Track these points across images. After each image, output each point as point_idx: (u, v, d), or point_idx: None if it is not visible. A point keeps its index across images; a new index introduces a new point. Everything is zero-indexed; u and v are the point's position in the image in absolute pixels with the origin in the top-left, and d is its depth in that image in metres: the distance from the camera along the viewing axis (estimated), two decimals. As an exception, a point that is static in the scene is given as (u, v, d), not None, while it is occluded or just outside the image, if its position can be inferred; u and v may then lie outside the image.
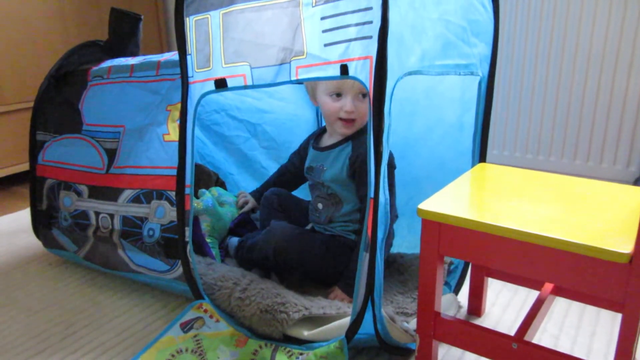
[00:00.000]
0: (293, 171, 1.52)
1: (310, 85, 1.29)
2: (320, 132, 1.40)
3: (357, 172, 1.23)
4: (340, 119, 1.24)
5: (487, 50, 1.19)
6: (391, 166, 1.24)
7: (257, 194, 1.56)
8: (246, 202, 1.56)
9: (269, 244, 1.25)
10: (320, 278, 1.29)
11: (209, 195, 1.48)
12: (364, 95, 1.22)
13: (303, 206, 1.47)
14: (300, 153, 1.48)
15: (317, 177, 1.31)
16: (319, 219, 1.33)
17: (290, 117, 1.78)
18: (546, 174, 1.10)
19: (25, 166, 2.08)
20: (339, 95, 1.22)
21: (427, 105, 1.41)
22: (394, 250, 1.36)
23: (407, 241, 1.32)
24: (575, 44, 1.84)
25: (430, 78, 1.34)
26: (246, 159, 1.75)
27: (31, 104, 1.52)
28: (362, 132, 1.26)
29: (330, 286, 1.27)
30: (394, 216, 1.25)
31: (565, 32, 1.85)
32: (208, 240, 1.40)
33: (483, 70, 1.19)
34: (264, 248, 1.26)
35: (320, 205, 1.32)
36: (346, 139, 1.28)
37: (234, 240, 1.44)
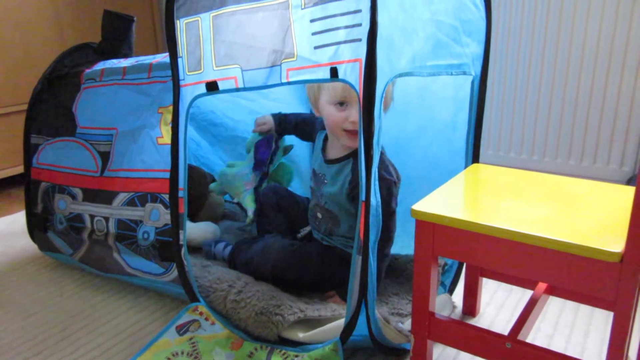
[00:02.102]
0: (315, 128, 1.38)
1: (313, 95, 1.19)
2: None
3: (356, 198, 1.12)
4: (346, 130, 1.14)
5: (479, 50, 1.19)
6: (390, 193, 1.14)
7: (277, 118, 1.46)
8: (268, 128, 1.46)
9: (266, 263, 1.23)
10: (318, 289, 1.27)
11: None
12: None
13: (302, 205, 1.46)
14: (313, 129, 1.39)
15: (317, 187, 1.27)
16: (319, 227, 1.30)
17: (285, 117, 1.78)
18: (539, 174, 1.11)
19: (20, 169, 2.08)
20: (342, 104, 1.12)
21: (420, 104, 1.41)
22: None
23: (401, 241, 1.32)
24: (568, 43, 1.84)
25: (423, 77, 1.33)
26: (243, 160, 1.74)
27: (26, 107, 1.52)
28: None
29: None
30: (389, 241, 1.19)
31: (558, 32, 1.85)
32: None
33: (476, 69, 1.19)
34: (261, 267, 1.24)
35: (319, 215, 1.28)
36: (347, 156, 1.19)
37: (220, 247, 1.41)
